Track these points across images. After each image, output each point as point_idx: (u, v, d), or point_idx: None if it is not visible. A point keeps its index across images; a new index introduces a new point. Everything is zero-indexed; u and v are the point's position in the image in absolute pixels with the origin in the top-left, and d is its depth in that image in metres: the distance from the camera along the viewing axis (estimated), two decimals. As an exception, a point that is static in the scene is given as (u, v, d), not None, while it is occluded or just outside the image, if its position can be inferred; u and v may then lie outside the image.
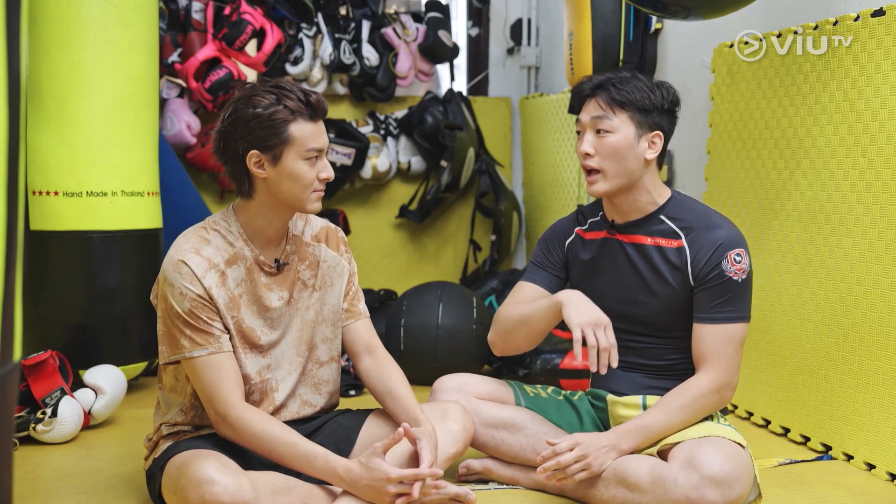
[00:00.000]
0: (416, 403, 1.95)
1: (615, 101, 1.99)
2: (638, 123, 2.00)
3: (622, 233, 2.08)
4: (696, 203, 2.09)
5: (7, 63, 0.78)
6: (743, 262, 1.97)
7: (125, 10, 2.84)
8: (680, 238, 2.02)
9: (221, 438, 1.86)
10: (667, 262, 2.02)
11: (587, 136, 2.02)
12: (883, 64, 2.23)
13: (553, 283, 2.17)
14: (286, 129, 1.81)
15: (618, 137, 1.99)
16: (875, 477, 2.25)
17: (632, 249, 2.06)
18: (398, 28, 4.17)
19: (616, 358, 1.88)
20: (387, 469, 1.75)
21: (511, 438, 2.11)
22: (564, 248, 2.18)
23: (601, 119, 2.00)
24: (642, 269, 2.04)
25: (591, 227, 2.15)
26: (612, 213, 2.09)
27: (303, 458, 1.79)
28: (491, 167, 4.35)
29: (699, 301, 1.99)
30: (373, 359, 2.04)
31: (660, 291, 2.03)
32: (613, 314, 2.08)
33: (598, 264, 2.11)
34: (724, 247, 1.97)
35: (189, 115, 3.75)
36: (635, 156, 2.00)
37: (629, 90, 1.99)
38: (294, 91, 1.83)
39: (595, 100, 2.02)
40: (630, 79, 2.02)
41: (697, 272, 1.98)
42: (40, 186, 2.80)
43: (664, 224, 2.04)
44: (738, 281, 1.96)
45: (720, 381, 1.96)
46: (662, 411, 1.96)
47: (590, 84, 2.04)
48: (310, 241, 2.01)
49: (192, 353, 1.82)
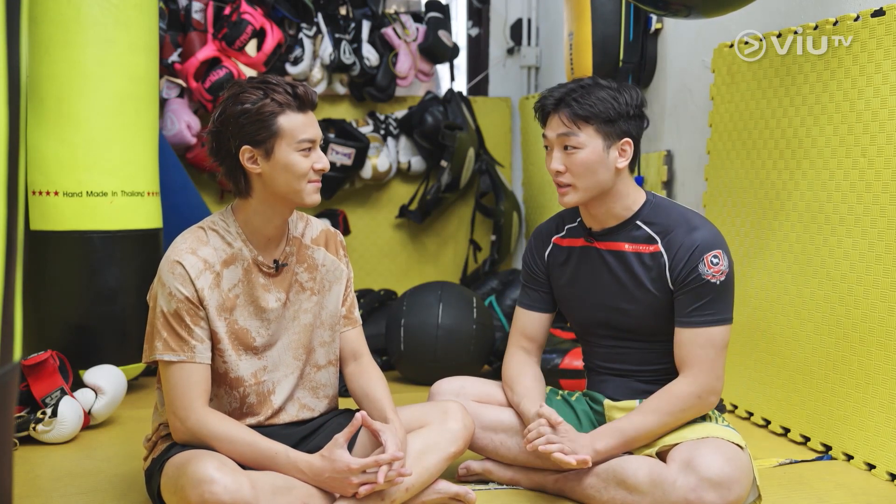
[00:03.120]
0: (390, 405, 1.96)
1: (579, 116, 1.94)
2: (605, 135, 1.95)
3: (600, 240, 2.06)
4: (671, 205, 2.05)
5: (7, 63, 0.78)
6: (721, 263, 1.94)
7: (125, 10, 2.84)
8: (656, 242, 1.99)
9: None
10: (645, 267, 2.00)
11: (555, 154, 1.98)
12: (883, 64, 2.23)
13: (546, 301, 2.18)
14: (275, 122, 1.81)
15: (586, 153, 1.95)
16: (875, 477, 2.25)
17: (610, 257, 2.04)
18: (398, 28, 4.17)
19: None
20: (348, 459, 1.77)
21: (510, 441, 2.10)
22: (545, 259, 2.17)
23: (567, 136, 1.95)
24: (622, 277, 2.02)
25: (569, 234, 2.13)
26: (589, 220, 2.07)
27: (264, 456, 1.79)
28: (491, 167, 4.35)
29: (679, 305, 1.97)
30: (357, 365, 2.07)
31: (641, 298, 2.01)
32: (598, 322, 2.08)
33: (578, 273, 2.10)
34: (701, 249, 1.94)
35: (189, 115, 3.74)
36: (606, 167, 1.96)
37: (591, 102, 1.94)
38: (281, 84, 1.84)
39: (558, 116, 1.97)
40: (592, 88, 1.96)
41: (675, 276, 1.96)
42: (40, 186, 2.80)
43: (641, 229, 2.01)
44: (715, 283, 1.93)
45: (700, 385, 1.93)
46: (641, 415, 1.95)
47: (551, 99, 1.99)
48: (309, 244, 2.01)
49: (164, 356, 1.82)
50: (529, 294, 2.19)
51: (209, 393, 1.86)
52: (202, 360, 1.84)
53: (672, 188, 3.29)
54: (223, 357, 1.89)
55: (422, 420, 2.00)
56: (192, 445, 1.82)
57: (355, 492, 1.78)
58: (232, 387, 1.91)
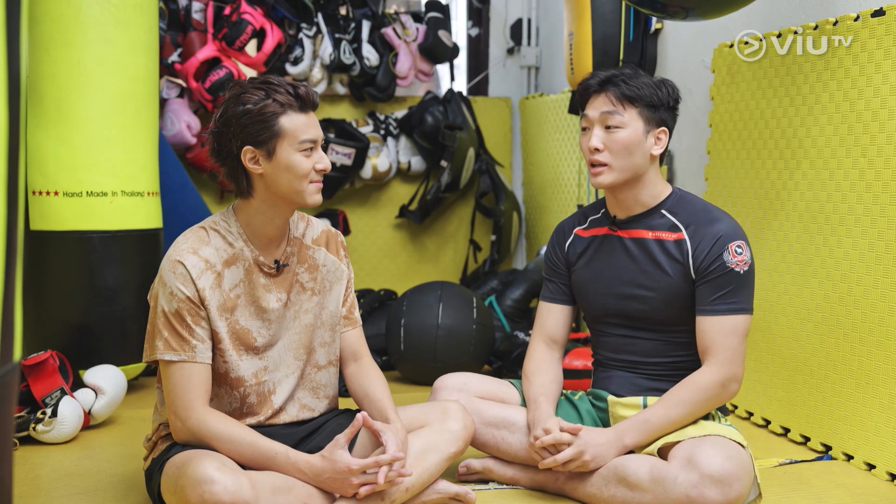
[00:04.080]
0: (390, 405, 1.96)
1: (625, 97, 2.00)
2: (647, 119, 2.01)
3: (623, 228, 2.09)
4: (696, 198, 2.10)
5: (7, 63, 0.78)
6: (744, 253, 1.98)
7: (125, 10, 2.84)
8: (680, 231, 2.03)
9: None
10: (667, 254, 2.03)
11: (595, 132, 2.02)
12: (883, 64, 2.23)
13: (566, 293, 2.21)
14: (277, 122, 1.82)
15: (628, 133, 2.00)
16: (875, 477, 2.25)
17: (631, 244, 2.07)
18: (398, 28, 4.17)
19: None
20: (348, 460, 1.77)
21: (511, 437, 2.11)
22: (565, 251, 2.20)
23: (611, 114, 2.00)
24: (642, 262, 2.05)
25: (592, 225, 2.16)
26: (615, 207, 2.11)
27: (264, 456, 1.79)
28: (491, 167, 4.35)
29: (701, 294, 1.99)
30: (357, 365, 2.07)
31: (659, 283, 2.03)
32: (611, 310, 2.10)
33: (596, 259, 2.13)
34: (725, 239, 1.98)
35: (189, 115, 3.75)
36: (643, 151, 2.02)
37: (638, 86, 2.00)
38: (282, 84, 1.84)
39: (604, 95, 2.02)
40: (636, 75, 2.03)
41: (699, 265, 1.99)
42: (40, 186, 2.80)
43: (665, 218, 2.05)
44: (739, 273, 1.97)
45: (725, 373, 1.96)
46: (665, 406, 1.97)
47: (597, 79, 2.04)
48: (310, 245, 2.01)
49: (164, 355, 1.83)
50: (550, 287, 2.22)
51: (210, 393, 1.87)
52: (203, 360, 1.84)
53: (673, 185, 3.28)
54: (224, 357, 1.89)
55: (422, 420, 2.00)
56: (192, 445, 1.82)
57: (355, 492, 1.78)
58: (232, 387, 1.92)
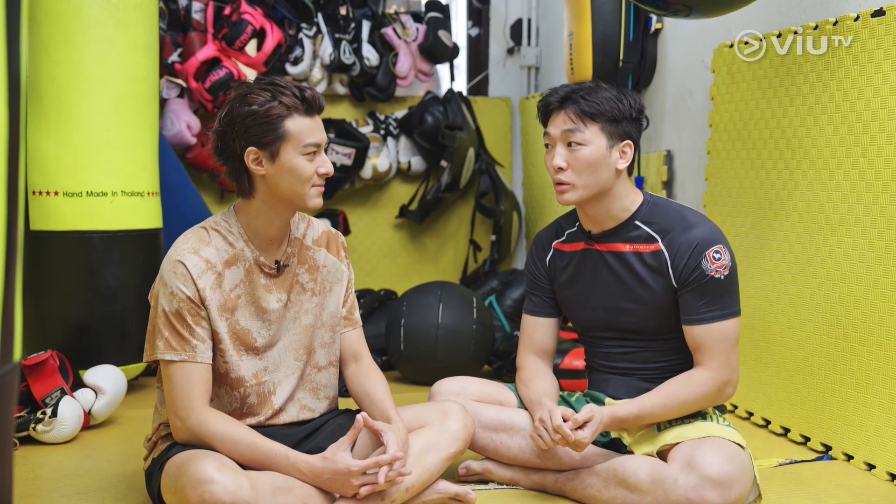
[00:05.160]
0: (391, 405, 1.96)
1: (585, 113, 1.97)
2: (609, 134, 1.98)
3: (599, 242, 2.07)
4: (669, 204, 2.07)
5: (7, 63, 0.78)
6: (723, 258, 1.96)
7: (125, 10, 2.84)
8: (657, 241, 2.01)
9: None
10: (647, 266, 2.01)
11: (558, 150, 2.00)
12: (883, 64, 2.23)
13: (550, 306, 2.19)
14: (282, 125, 1.81)
15: (590, 150, 1.97)
16: (875, 477, 2.25)
17: (611, 258, 2.05)
18: (398, 28, 4.17)
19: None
20: (348, 461, 1.77)
21: (510, 441, 2.11)
22: (546, 265, 2.18)
23: (573, 132, 1.98)
24: (624, 277, 2.04)
25: (569, 239, 2.15)
26: (587, 222, 2.09)
27: (264, 456, 1.79)
28: (491, 167, 4.35)
29: (685, 303, 1.98)
30: (358, 366, 2.07)
31: (643, 296, 2.02)
32: (600, 324, 2.10)
33: (579, 276, 2.11)
34: (702, 246, 1.96)
35: (189, 115, 3.75)
36: (607, 167, 1.99)
37: (598, 101, 1.97)
38: (289, 87, 1.84)
39: (564, 112, 1.99)
40: (596, 89, 2.00)
41: (678, 274, 1.98)
42: (40, 186, 2.80)
43: (640, 229, 2.03)
44: (720, 279, 1.95)
45: (720, 378, 1.96)
46: (661, 397, 1.97)
47: (557, 96, 2.02)
48: (311, 245, 2.01)
49: (165, 355, 1.83)
50: (534, 300, 2.20)
51: (210, 393, 1.87)
52: (203, 360, 1.84)
53: (672, 188, 3.29)
54: (224, 357, 1.89)
55: (422, 420, 1.99)
56: (192, 445, 1.82)
57: (355, 492, 1.78)
58: (233, 387, 1.92)
